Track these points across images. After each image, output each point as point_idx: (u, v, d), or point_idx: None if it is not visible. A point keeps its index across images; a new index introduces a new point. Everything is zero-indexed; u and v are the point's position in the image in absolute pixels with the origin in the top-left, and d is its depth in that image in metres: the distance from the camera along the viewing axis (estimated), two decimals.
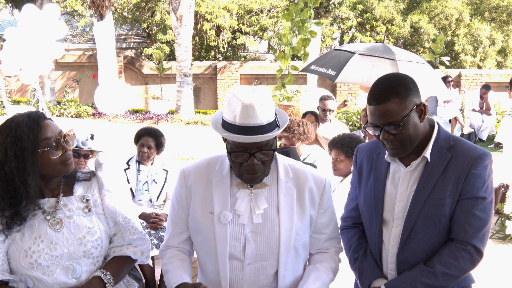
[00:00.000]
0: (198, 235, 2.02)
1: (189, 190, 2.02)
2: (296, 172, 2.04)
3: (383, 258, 2.11)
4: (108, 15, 14.13)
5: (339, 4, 18.11)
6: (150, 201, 4.43)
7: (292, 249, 1.98)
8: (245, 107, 1.80)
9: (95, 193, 2.05)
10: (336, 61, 5.14)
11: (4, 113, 12.80)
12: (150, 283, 4.13)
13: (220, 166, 2.02)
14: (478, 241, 1.95)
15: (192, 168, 2.07)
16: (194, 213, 2.01)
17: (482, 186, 1.94)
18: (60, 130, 1.98)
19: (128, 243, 2.06)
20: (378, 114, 1.93)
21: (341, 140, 3.48)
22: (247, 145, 1.85)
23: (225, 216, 1.94)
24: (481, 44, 18.02)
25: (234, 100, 1.83)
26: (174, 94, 14.90)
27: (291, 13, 7.87)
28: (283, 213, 1.96)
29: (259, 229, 1.95)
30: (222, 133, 1.87)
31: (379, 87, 1.96)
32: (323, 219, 2.08)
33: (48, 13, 9.29)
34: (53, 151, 1.91)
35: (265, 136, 1.83)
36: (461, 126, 10.98)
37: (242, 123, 1.81)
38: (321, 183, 2.06)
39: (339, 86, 15.78)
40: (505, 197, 6.16)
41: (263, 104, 1.83)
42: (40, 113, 1.96)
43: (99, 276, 1.95)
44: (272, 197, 1.98)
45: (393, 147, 1.97)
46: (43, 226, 1.92)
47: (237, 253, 1.95)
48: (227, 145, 1.92)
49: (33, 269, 1.87)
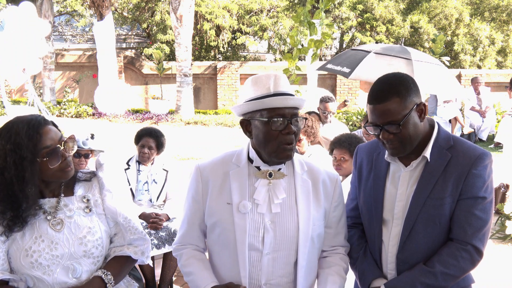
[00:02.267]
0: (215, 228, 2.01)
1: (205, 184, 2.03)
2: (309, 166, 2.08)
3: (383, 258, 2.11)
4: (108, 15, 14.13)
5: (339, 4, 18.11)
6: (150, 201, 4.43)
7: (310, 240, 1.99)
8: (277, 77, 1.95)
9: (95, 193, 2.05)
10: (352, 59, 5.17)
11: (4, 113, 12.79)
12: (150, 283, 4.13)
13: (237, 159, 2.04)
14: (478, 241, 1.95)
15: (208, 163, 2.09)
16: (211, 206, 2.01)
17: (482, 186, 1.95)
18: (61, 136, 1.96)
19: (129, 243, 2.06)
20: (378, 113, 1.94)
21: (348, 140, 3.48)
22: (285, 112, 1.90)
23: (244, 206, 1.95)
24: (481, 44, 18.01)
25: (262, 78, 1.95)
26: (174, 94, 14.89)
27: (299, 14, 7.88)
28: (301, 203, 1.98)
29: (278, 219, 1.96)
30: (254, 105, 1.91)
31: (379, 87, 1.96)
32: (336, 212, 2.10)
33: (25, 11, 9.19)
34: (52, 160, 1.90)
35: (299, 99, 1.94)
36: (461, 126, 10.98)
37: (277, 90, 1.92)
38: (334, 177, 2.10)
39: (339, 86, 15.78)
40: (505, 197, 6.16)
41: (287, 79, 1.99)
42: (41, 119, 1.93)
43: (99, 276, 1.96)
44: (290, 187, 2.01)
45: (393, 147, 1.98)
46: (44, 226, 1.92)
47: (256, 243, 1.95)
48: (262, 119, 1.91)
49: (33, 269, 1.88)
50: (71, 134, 2.02)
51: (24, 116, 1.95)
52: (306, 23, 7.86)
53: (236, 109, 2.00)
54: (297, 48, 8.10)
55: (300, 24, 8.01)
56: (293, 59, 8.10)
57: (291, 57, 8.15)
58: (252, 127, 1.96)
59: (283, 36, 18.88)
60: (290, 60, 8.21)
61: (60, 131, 2.01)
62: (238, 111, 1.99)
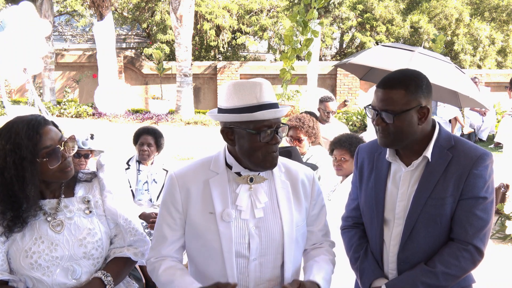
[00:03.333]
0: (198, 239, 1.96)
1: (184, 193, 1.96)
2: (286, 167, 2.08)
3: (384, 258, 2.11)
4: (108, 15, 14.12)
5: (339, 4, 18.10)
6: (150, 201, 4.43)
7: (295, 241, 1.99)
8: (263, 85, 1.89)
9: (96, 194, 2.04)
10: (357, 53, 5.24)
11: (4, 113, 12.79)
12: (150, 283, 4.13)
13: (215, 166, 2.00)
14: (479, 241, 1.95)
15: (184, 171, 2.01)
16: (192, 217, 1.95)
17: (483, 186, 1.95)
18: (61, 136, 1.95)
19: (129, 244, 2.06)
20: (380, 98, 1.96)
21: (348, 140, 3.48)
22: (271, 123, 1.88)
23: (228, 214, 1.92)
24: (481, 44, 18.01)
25: (246, 86, 1.88)
26: (174, 94, 14.89)
27: (295, 13, 7.87)
28: (283, 206, 1.98)
29: (262, 224, 1.95)
30: (247, 117, 1.85)
31: (393, 74, 2.00)
32: (314, 211, 2.09)
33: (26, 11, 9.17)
34: (52, 160, 1.89)
35: (285, 108, 1.93)
36: (461, 126, 10.98)
37: (263, 101, 1.88)
38: (310, 176, 2.10)
39: (339, 86, 15.78)
40: (505, 197, 6.16)
41: (270, 85, 1.94)
42: (41, 119, 1.92)
43: (99, 278, 1.95)
44: (271, 191, 2.00)
45: (382, 136, 2.00)
46: (44, 227, 1.92)
47: (243, 250, 1.94)
48: (249, 130, 1.87)
49: (33, 270, 1.87)
50: (71, 135, 2.01)
51: (24, 116, 1.94)
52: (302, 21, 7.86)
53: (218, 117, 1.93)
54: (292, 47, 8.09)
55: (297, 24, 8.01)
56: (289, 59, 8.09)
57: (287, 57, 8.14)
58: (236, 136, 1.91)
59: (283, 36, 18.87)
60: (286, 60, 8.19)
61: (61, 131, 2.00)
62: (220, 119, 1.93)
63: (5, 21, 9.15)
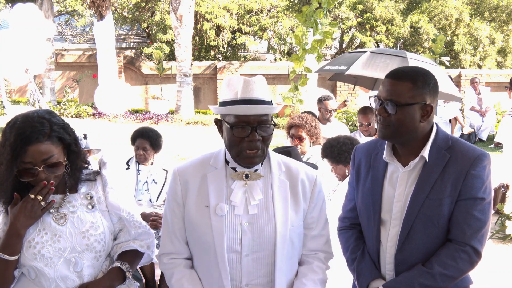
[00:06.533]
0: (194, 231, 2.00)
1: (184, 186, 2.02)
2: (288, 166, 2.08)
3: (381, 259, 2.11)
4: (108, 15, 14.13)
5: (339, 4, 18.10)
6: (150, 201, 4.44)
7: (288, 240, 1.98)
8: (247, 81, 1.91)
9: (99, 191, 2.09)
10: (349, 60, 5.29)
11: (4, 113, 12.79)
12: (150, 283, 4.14)
13: (215, 161, 2.04)
14: (476, 242, 1.95)
15: (186, 166, 2.08)
16: (189, 210, 2.00)
17: (481, 187, 1.95)
18: (49, 157, 1.89)
19: (134, 237, 2.11)
20: (386, 88, 1.98)
21: (324, 151, 3.51)
22: (250, 119, 1.89)
23: (221, 208, 1.95)
24: (481, 44, 18.01)
25: (235, 79, 1.93)
26: (174, 94, 14.88)
27: (304, 14, 7.85)
28: (278, 204, 1.98)
29: (255, 220, 1.96)
30: (223, 110, 1.91)
31: (403, 68, 2.03)
32: (314, 213, 2.09)
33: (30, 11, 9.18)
34: (24, 175, 1.90)
35: (266, 107, 1.90)
36: (461, 126, 10.98)
37: (244, 96, 1.89)
38: (312, 177, 2.09)
39: (339, 86, 15.76)
40: (505, 197, 6.15)
41: (262, 83, 1.94)
42: (39, 131, 1.88)
43: (117, 266, 2.02)
44: (267, 188, 2.01)
45: (382, 127, 2.01)
46: (47, 220, 1.96)
47: (235, 245, 1.95)
48: (227, 124, 1.92)
49: (36, 260, 1.91)
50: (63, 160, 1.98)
51: (32, 117, 1.92)
52: (312, 22, 7.83)
53: (212, 109, 2.02)
54: (303, 48, 8.04)
55: (305, 24, 7.98)
56: (299, 60, 8.05)
57: (298, 58, 8.08)
58: (223, 129, 1.99)
59: (283, 36, 18.87)
60: (296, 61, 8.15)
61: (66, 138, 1.99)
62: (213, 111, 2.02)
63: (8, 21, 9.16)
